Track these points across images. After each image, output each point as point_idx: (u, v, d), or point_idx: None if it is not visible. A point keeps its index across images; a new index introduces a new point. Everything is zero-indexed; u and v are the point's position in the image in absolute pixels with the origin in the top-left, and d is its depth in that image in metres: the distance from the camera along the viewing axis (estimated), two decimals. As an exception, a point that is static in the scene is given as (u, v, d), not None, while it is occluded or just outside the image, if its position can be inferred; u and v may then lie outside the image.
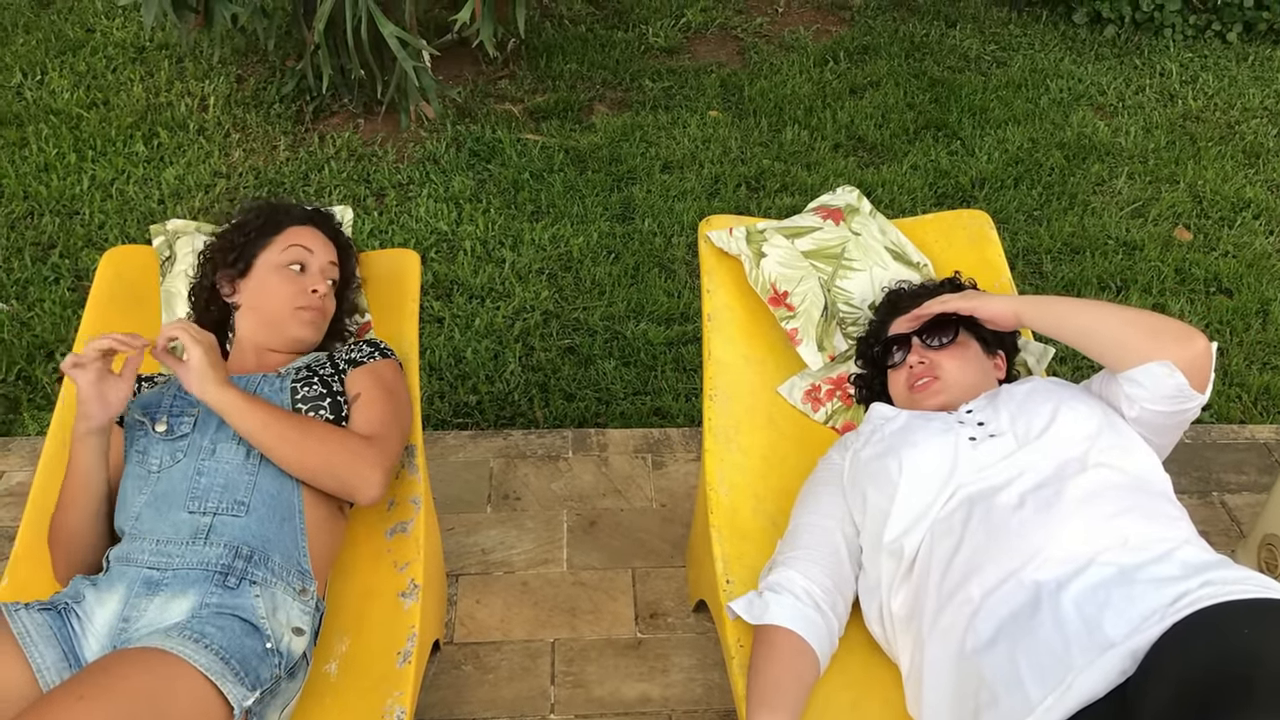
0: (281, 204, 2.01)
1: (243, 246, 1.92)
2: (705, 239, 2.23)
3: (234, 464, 1.71)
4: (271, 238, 1.93)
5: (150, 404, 1.78)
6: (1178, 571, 1.45)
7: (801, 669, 1.64)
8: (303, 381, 1.84)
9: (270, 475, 1.71)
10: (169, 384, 1.82)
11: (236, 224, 1.98)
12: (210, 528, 1.64)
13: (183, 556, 1.61)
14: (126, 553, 1.63)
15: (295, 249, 1.92)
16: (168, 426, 1.74)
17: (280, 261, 1.90)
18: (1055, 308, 1.82)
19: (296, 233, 1.95)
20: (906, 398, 1.92)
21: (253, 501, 1.68)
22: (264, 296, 1.89)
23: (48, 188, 3.52)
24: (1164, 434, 1.76)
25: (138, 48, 4.37)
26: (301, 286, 1.90)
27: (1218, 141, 4.19)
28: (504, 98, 4.25)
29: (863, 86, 4.44)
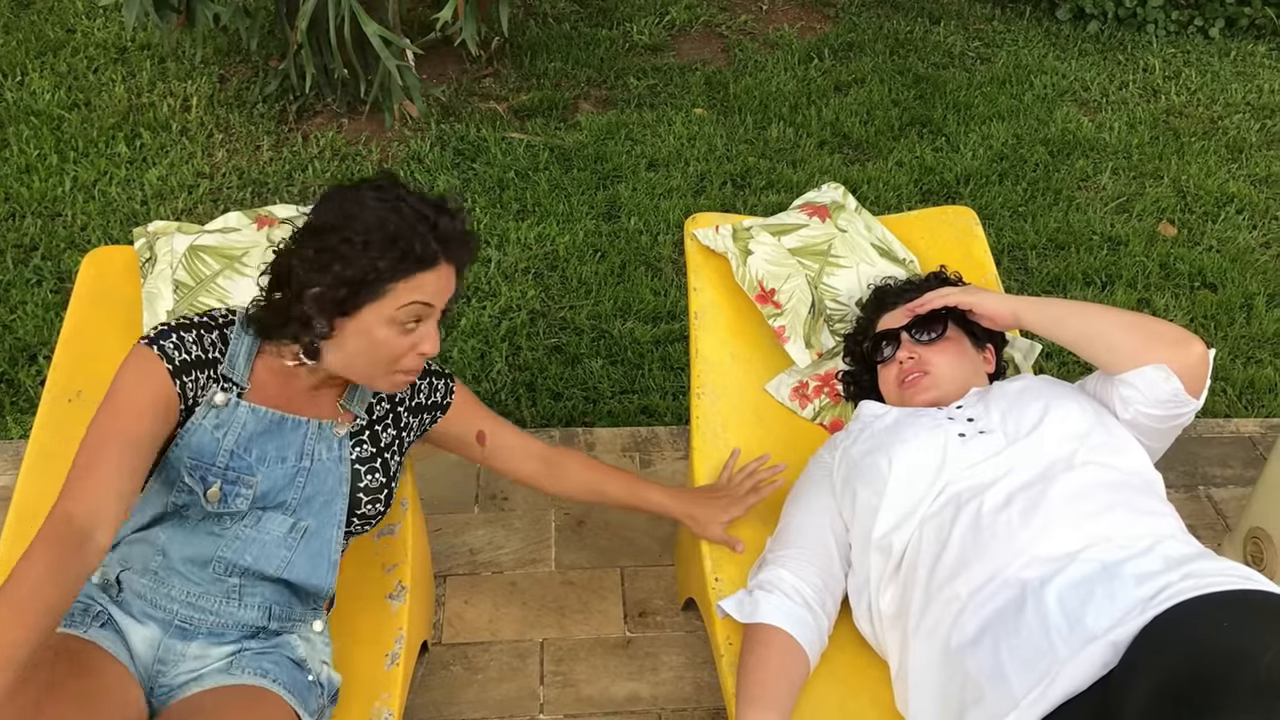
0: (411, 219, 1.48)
1: (355, 286, 1.47)
2: (692, 237, 2.22)
3: (275, 536, 1.57)
4: (391, 285, 1.48)
5: (204, 453, 1.52)
6: (1159, 565, 1.46)
7: (791, 667, 1.64)
8: (357, 443, 1.66)
9: (306, 556, 1.60)
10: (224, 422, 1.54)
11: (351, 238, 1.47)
12: (240, 588, 1.57)
13: (217, 614, 1.56)
14: (151, 593, 1.54)
15: (417, 306, 1.51)
16: (221, 497, 1.53)
17: (395, 318, 1.50)
18: (1053, 309, 1.82)
19: (425, 281, 1.50)
20: (897, 394, 1.92)
21: (285, 573, 1.59)
22: (360, 347, 1.53)
23: (29, 189, 3.49)
24: (1157, 438, 1.76)
25: (119, 48, 4.34)
26: (411, 344, 1.54)
27: (1201, 137, 4.21)
28: (488, 96, 4.23)
29: (847, 84, 4.44)
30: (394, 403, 1.73)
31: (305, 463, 1.59)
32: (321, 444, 1.61)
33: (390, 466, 1.70)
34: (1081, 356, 1.79)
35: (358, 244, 1.46)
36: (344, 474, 1.62)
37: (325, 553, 1.61)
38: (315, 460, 1.60)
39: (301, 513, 1.59)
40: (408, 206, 1.49)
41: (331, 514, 1.62)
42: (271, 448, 1.57)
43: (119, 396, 1.48)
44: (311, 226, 1.51)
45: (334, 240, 1.47)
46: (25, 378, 2.84)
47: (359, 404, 1.68)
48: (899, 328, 1.94)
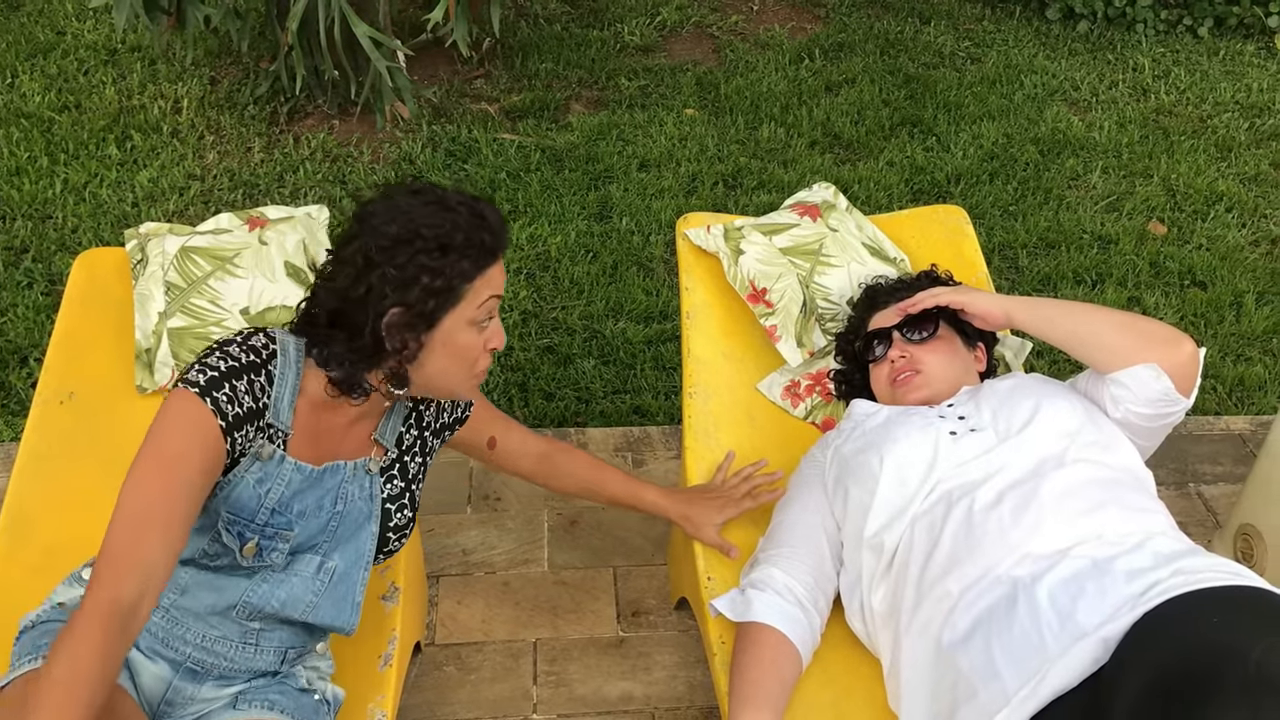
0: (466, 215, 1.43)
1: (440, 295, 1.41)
2: (683, 237, 2.23)
3: (304, 579, 1.53)
4: (469, 284, 1.43)
5: (243, 511, 1.45)
6: (1150, 562, 1.47)
7: (784, 666, 1.64)
8: (388, 478, 1.60)
9: (330, 601, 1.55)
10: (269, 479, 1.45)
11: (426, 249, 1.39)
12: (259, 632, 1.55)
13: (231, 659, 1.54)
14: (165, 633, 1.51)
15: (492, 301, 1.47)
16: (257, 552, 1.47)
17: (475, 318, 1.45)
18: (1045, 310, 1.83)
19: (495, 273, 1.47)
20: (888, 393, 1.93)
21: (309, 616, 1.56)
22: (446, 357, 1.46)
23: (19, 192, 3.48)
24: (1148, 436, 1.77)
25: (110, 50, 4.33)
26: (485, 343, 1.49)
27: (1190, 136, 4.22)
28: (479, 97, 4.23)
29: (838, 84, 4.45)
30: (421, 428, 1.66)
31: (339, 506, 1.53)
32: (355, 484, 1.55)
33: (416, 498, 1.65)
34: (1073, 356, 1.80)
35: (434, 251, 1.39)
36: (375, 513, 1.57)
37: (350, 595, 1.57)
38: (348, 502, 1.54)
39: (331, 554, 1.54)
40: (456, 203, 1.44)
41: (360, 555, 1.57)
42: (311, 500, 1.50)
43: (168, 450, 1.35)
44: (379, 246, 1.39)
45: (409, 253, 1.38)
46: (16, 380, 2.83)
47: (391, 435, 1.60)
48: (890, 327, 1.94)
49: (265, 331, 1.49)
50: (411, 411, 1.64)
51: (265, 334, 1.48)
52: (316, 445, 1.51)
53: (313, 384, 1.48)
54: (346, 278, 1.40)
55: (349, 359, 1.43)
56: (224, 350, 1.43)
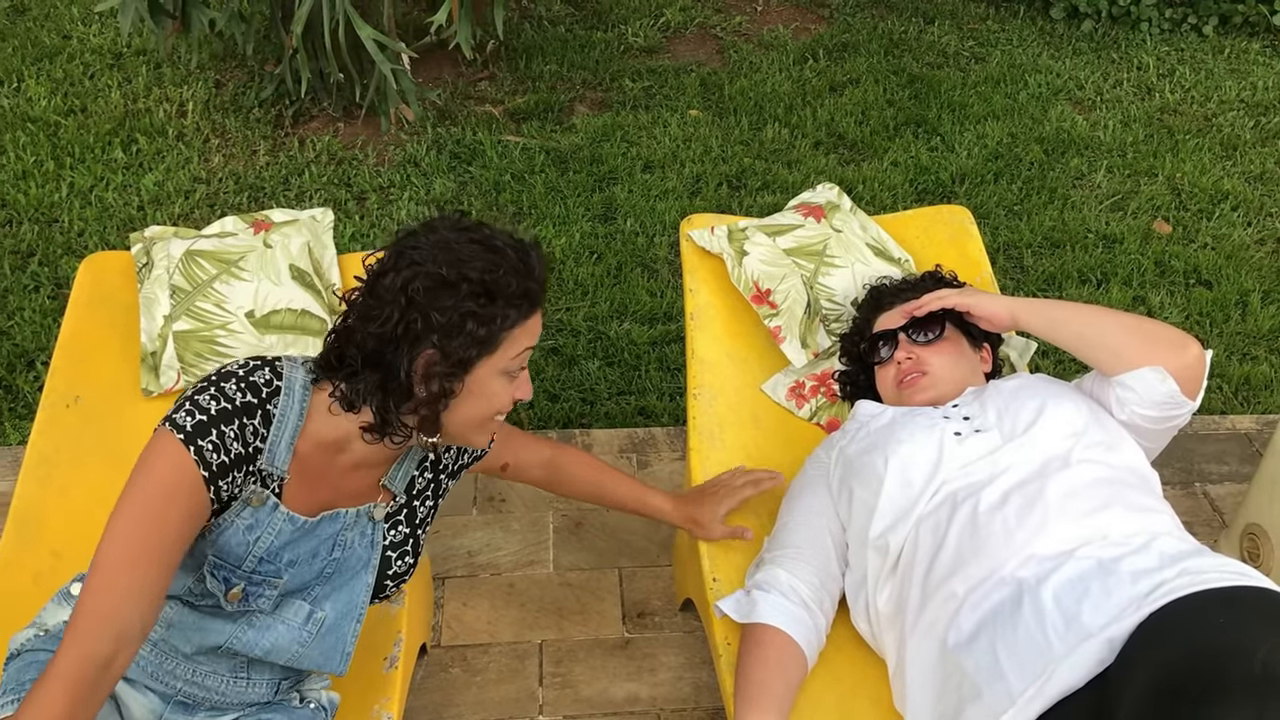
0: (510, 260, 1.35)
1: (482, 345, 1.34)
2: (687, 238, 2.23)
3: (291, 628, 1.48)
4: (508, 333, 1.36)
5: (230, 557, 1.40)
6: (1155, 562, 1.47)
7: (789, 667, 1.64)
8: (393, 524, 1.54)
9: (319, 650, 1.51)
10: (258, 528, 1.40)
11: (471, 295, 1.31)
12: (249, 666, 1.52)
13: (222, 693, 1.51)
14: (155, 667, 1.48)
15: (526, 354, 1.41)
16: (243, 598, 1.43)
17: (508, 368, 1.39)
18: (1051, 312, 1.83)
19: (534, 324, 1.40)
20: (895, 394, 1.93)
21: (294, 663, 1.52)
22: (472, 405, 1.39)
23: (26, 196, 3.49)
24: (1153, 438, 1.77)
25: (115, 54, 4.34)
26: (513, 394, 1.43)
27: (1195, 134, 4.21)
28: (484, 99, 4.24)
29: (842, 84, 4.45)
30: (437, 471, 1.60)
31: (336, 554, 1.48)
32: (355, 531, 1.49)
33: (420, 542, 1.58)
34: (1079, 358, 1.80)
35: (481, 297, 1.31)
36: (373, 562, 1.51)
37: (340, 646, 1.52)
38: (346, 549, 1.48)
39: (322, 603, 1.48)
40: (503, 245, 1.35)
41: (353, 605, 1.51)
42: (304, 550, 1.44)
43: (149, 500, 1.30)
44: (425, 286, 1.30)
45: (455, 297, 1.30)
46: (23, 383, 2.84)
47: (401, 481, 1.54)
48: (896, 328, 1.94)
49: (273, 365, 1.41)
50: (428, 455, 1.57)
51: (272, 368, 1.40)
52: (316, 490, 1.44)
53: (318, 424, 1.41)
54: (385, 316, 1.31)
55: (381, 400, 1.35)
56: (220, 387, 1.35)
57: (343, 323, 1.37)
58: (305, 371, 1.42)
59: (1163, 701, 1.24)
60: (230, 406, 1.34)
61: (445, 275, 1.30)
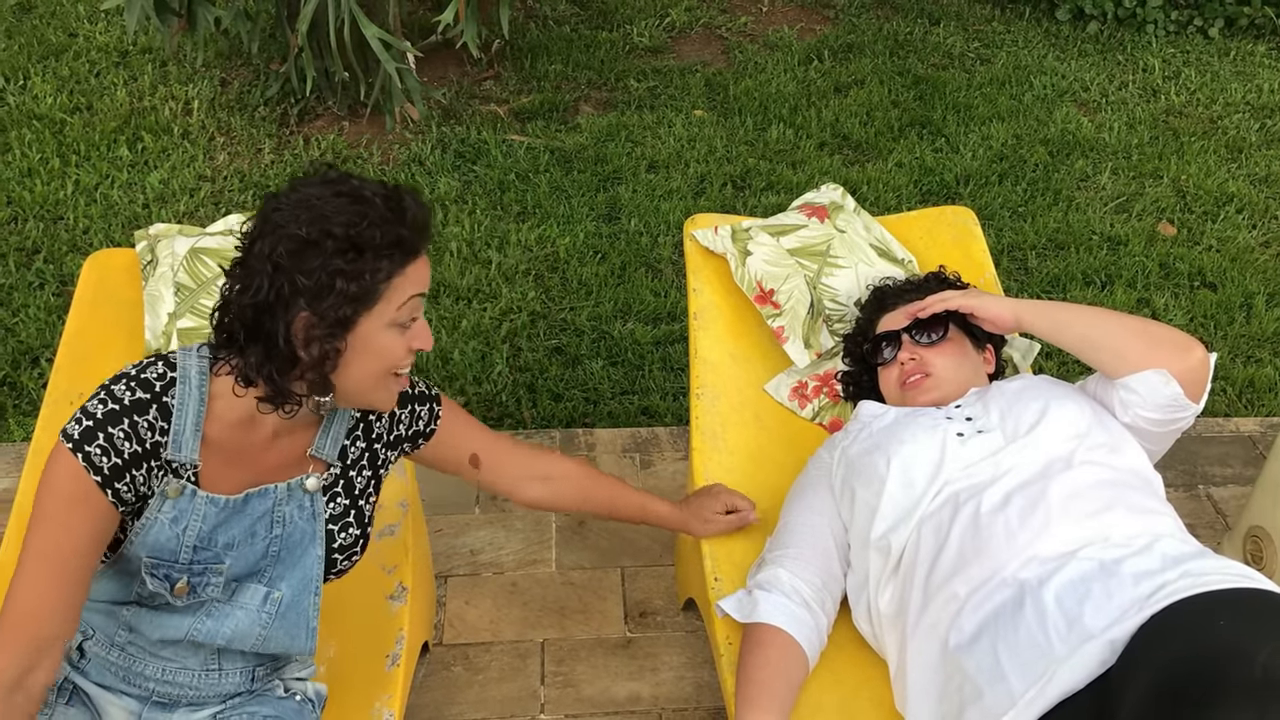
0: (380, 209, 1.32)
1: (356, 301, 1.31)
2: (691, 238, 2.23)
3: (249, 610, 1.46)
4: (387, 284, 1.33)
5: (164, 553, 1.39)
6: (1157, 564, 1.47)
7: (790, 667, 1.64)
8: (331, 497, 1.51)
9: (283, 629, 1.50)
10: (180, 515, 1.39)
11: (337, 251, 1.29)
12: (219, 657, 1.51)
13: (196, 687, 1.50)
14: (123, 668, 1.47)
15: (414, 302, 1.37)
16: (190, 589, 1.41)
17: (396, 319, 1.36)
18: (1056, 314, 1.83)
19: (416, 271, 1.37)
20: (898, 395, 1.92)
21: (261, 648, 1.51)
22: (361, 362, 1.36)
23: (31, 193, 3.50)
24: (1156, 441, 1.76)
25: (121, 52, 4.35)
26: (407, 346, 1.39)
27: (1200, 136, 4.21)
28: (489, 99, 4.24)
29: (847, 85, 4.44)
30: (370, 440, 1.56)
31: (277, 530, 1.46)
32: (292, 505, 1.46)
33: (365, 513, 1.55)
34: (1082, 360, 1.80)
35: (348, 252, 1.29)
36: (318, 534, 1.49)
37: (303, 622, 1.51)
38: (287, 524, 1.46)
39: (277, 583, 1.47)
40: (371, 195, 1.32)
41: (308, 581, 1.50)
42: (238, 530, 1.43)
43: (46, 514, 1.31)
44: (287, 250, 1.28)
45: (321, 257, 1.28)
46: (27, 380, 2.84)
47: (331, 448, 1.50)
48: (900, 329, 1.94)
49: (165, 359, 1.40)
50: (358, 423, 1.55)
51: (165, 361, 1.39)
52: (238, 470, 1.42)
53: (222, 405, 1.39)
54: (256, 285, 1.29)
55: (268, 369, 1.33)
56: (109, 390, 1.35)
57: (223, 297, 1.36)
58: (199, 357, 1.40)
59: (1164, 704, 1.24)
60: (118, 407, 1.33)
61: (307, 235, 1.28)
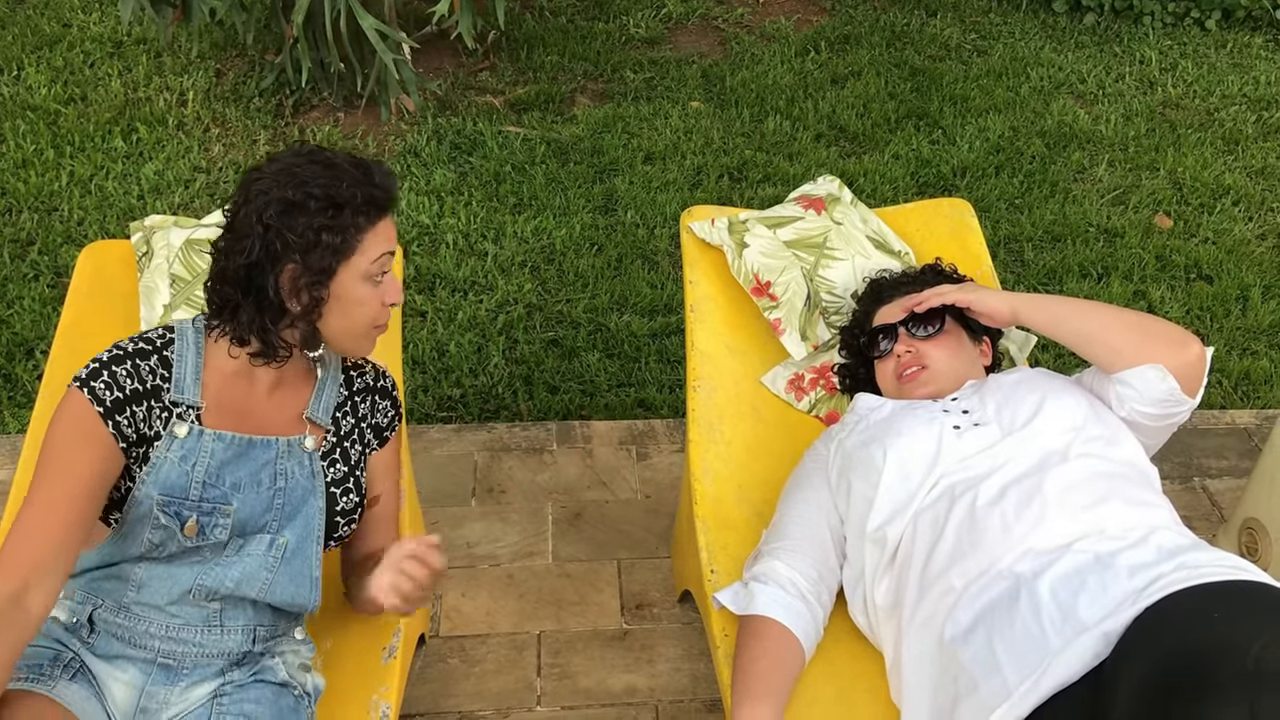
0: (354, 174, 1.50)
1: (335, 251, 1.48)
2: (687, 230, 2.23)
3: (255, 556, 1.53)
4: (360, 237, 1.50)
5: (174, 488, 1.47)
6: (1153, 556, 1.47)
7: (787, 659, 1.64)
8: (330, 463, 1.61)
9: (288, 576, 1.56)
10: (190, 453, 1.48)
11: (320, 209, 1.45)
12: (221, 612, 1.54)
13: (200, 645, 1.52)
14: (129, 632, 1.50)
15: (386, 258, 1.53)
16: (199, 530, 1.48)
17: (369, 272, 1.51)
18: (1052, 308, 1.82)
19: (386, 229, 1.54)
20: (895, 387, 1.92)
21: (267, 595, 1.55)
22: (345, 312, 1.52)
23: (26, 184, 3.49)
24: (1152, 435, 1.77)
25: (115, 42, 4.33)
26: (382, 298, 1.56)
27: (1197, 129, 4.21)
28: (485, 90, 4.23)
29: (844, 76, 4.44)
30: (358, 419, 1.68)
31: (280, 483, 1.55)
32: (292, 461, 1.56)
33: (361, 485, 1.65)
34: (1079, 354, 1.80)
35: (329, 210, 1.46)
36: (319, 489, 1.58)
37: (306, 570, 1.58)
38: (289, 479, 1.56)
39: (281, 531, 1.55)
40: (341, 162, 1.50)
41: (310, 529, 1.57)
42: (244, 473, 1.52)
43: (52, 449, 1.40)
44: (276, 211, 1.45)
45: (306, 215, 1.45)
46: (22, 372, 2.84)
47: (324, 415, 1.62)
48: (896, 322, 1.94)
49: (164, 326, 1.56)
50: (347, 399, 1.67)
51: (163, 327, 1.55)
52: (240, 419, 1.54)
53: (219, 360, 1.54)
54: (247, 247, 1.45)
55: (260, 322, 1.49)
56: (116, 345, 1.50)
57: (214, 268, 1.51)
58: (195, 326, 1.56)
59: (1157, 696, 1.24)
60: (123, 352, 1.48)
61: (292, 198, 1.45)
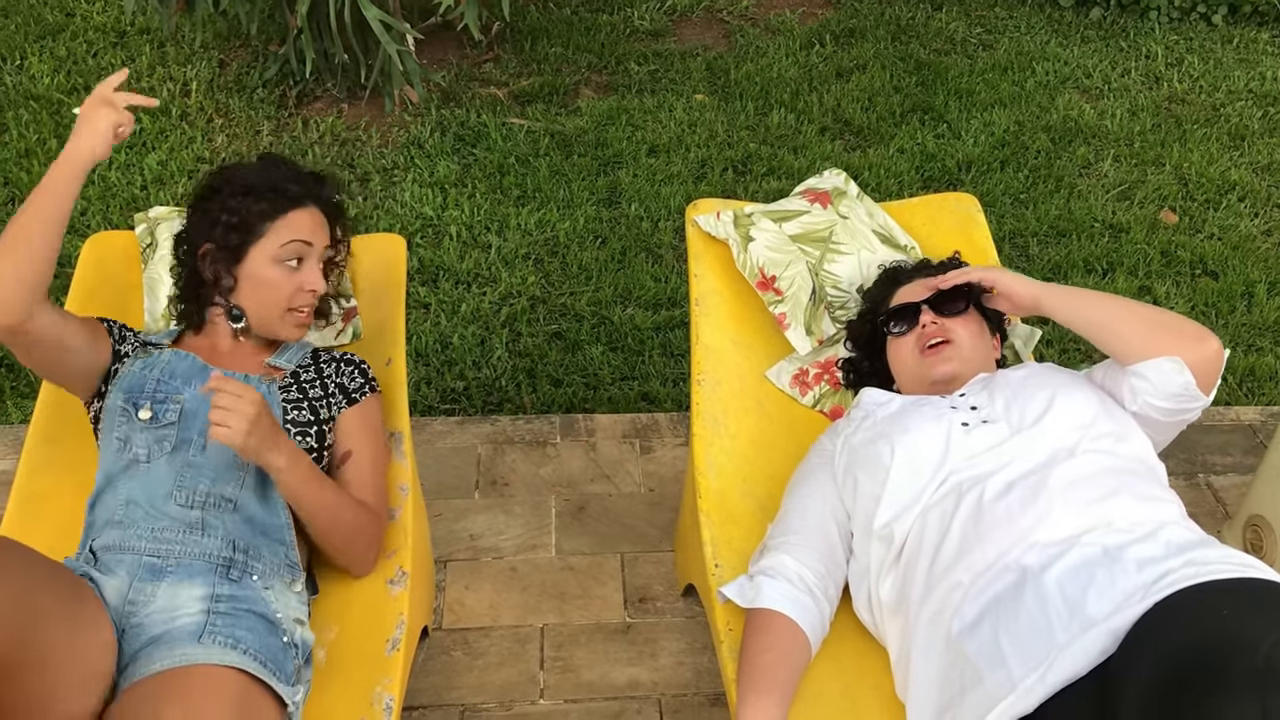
0: (280, 172, 1.78)
1: (238, 231, 1.72)
2: (692, 223, 2.22)
3: (224, 460, 1.65)
4: (269, 225, 1.74)
5: (134, 388, 1.69)
6: (1161, 551, 1.46)
7: (794, 653, 1.64)
8: (293, 404, 1.75)
9: (258, 471, 1.66)
10: (151, 363, 1.72)
11: (227, 199, 1.74)
12: (203, 521, 1.61)
13: (182, 545, 1.59)
14: (119, 540, 1.60)
15: (295, 245, 1.75)
16: (152, 414, 1.66)
17: (278, 256, 1.74)
18: (1072, 298, 1.81)
19: (298, 219, 1.76)
20: (915, 364, 1.90)
21: (241, 499, 1.65)
22: (256, 291, 1.75)
23: (29, 174, 3.48)
24: (1162, 431, 1.76)
25: (118, 32, 4.32)
26: (298, 284, 1.76)
27: (1203, 124, 4.20)
28: (489, 81, 4.22)
29: (849, 70, 4.43)
30: (321, 373, 1.83)
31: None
32: (249, 383, 1.71)
33: (318, 412, 1.76)
34: (1096, 345, 1.78)
35: (237, 195, 1.73)
36: (274, 398, 1.72)
37: None
38: None
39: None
40: (276, 162, 1.80)
41: None
42: (198, 379, 1.71)
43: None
44: (199, 197, 1.78)
45: (217, 200, 1.74)
46: (25, 362, 2.84)
47: (288, 363, 1.82)
48: (920, 300, 1.92)
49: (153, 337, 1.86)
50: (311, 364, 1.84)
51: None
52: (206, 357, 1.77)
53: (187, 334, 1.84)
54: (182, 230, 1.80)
55: (186, 290, 1.80)
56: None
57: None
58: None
59: (1167, 692, 1.23)
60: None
61: (214, 184, 1.77)
